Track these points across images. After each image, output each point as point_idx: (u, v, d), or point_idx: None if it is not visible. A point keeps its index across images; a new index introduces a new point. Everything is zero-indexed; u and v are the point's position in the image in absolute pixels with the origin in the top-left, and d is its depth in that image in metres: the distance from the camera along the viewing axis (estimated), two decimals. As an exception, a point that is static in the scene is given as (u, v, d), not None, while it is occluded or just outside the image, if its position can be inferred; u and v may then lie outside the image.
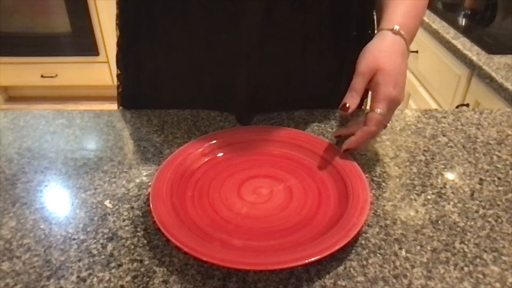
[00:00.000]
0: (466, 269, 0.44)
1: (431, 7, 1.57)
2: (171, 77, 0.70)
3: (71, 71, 2.48)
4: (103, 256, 0.45)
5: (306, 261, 0.41)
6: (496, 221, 0.50)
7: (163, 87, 0.72)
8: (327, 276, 0.43)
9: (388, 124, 0.68)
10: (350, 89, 0.54)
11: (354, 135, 0.55)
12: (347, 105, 0.53)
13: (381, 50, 0.55)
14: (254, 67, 0.64)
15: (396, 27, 0.56)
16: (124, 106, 0.76)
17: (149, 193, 0.50)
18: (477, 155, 0.61)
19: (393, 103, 0.54)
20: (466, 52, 1.22)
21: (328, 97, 0.73)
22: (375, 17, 0.73)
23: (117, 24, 0.70)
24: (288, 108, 0.71)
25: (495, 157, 0.61)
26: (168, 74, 0.70)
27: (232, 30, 0.61)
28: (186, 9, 0.62)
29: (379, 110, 0.53)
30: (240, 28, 0.61)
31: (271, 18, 0.61)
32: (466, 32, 1.35)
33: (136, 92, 0.74)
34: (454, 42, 1.28)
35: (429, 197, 0.53)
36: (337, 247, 0.42)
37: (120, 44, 0.71)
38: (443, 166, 0.59)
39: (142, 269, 0.44)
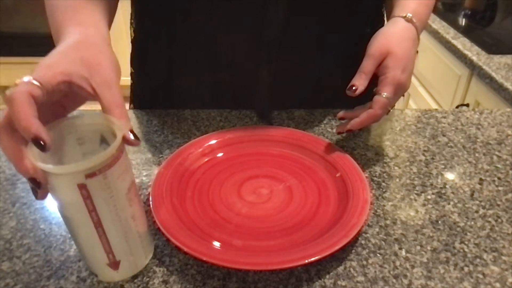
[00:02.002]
0: (466, 269, 0.44)
1: (431, 7, 1.57)
2: (187, 74, 0.70)
3: (71, 71, 2.48)
4: (103, 256, 0.45)
5: (306, 261, 0.41)
6: (496, 221, 0.50)
7: (177, 84, 0.72)
8: (327, 276, 0.43)
9: (388, 123, 0.68)
10: (359, 70, 0.55)
11: (358, 117, 0.55)
12: (354, 87, 0.54)
13: (393, 35, 0.56)
14: (274, 62, 0.65)
15: (409, 15, 0.57)
16: (135, 104, 0.77)
17: (149, 193, 0.50)
18: (477, 155, 0.61)
19: (400, 88, 0.54)
20: (466, 52, 1.22)
21: (343, 92, 0.74)
22: (384, 15, 0.73)
23: (131, 23, 0.70)
24: (306, 104, 0.71)
25: (495, 157, 0.61)
26: (184, 70, 0.70)
27: (255, 25, 0.62)
28: (208, 4, 0.62)
29: (385, 93, 0.53)
30: (263, 23, 0.61)
31: (292, 14, 0.61)
32: (466, 32, 1.35)
33: (149, 90, 0.74)
34: (454, 42, 1.28)
35: (429, 197, 0.53)
36: (337, 247, 0.42)
37: (135, 41, 0.71)
38: (443, 166, 0.59)
39: (142, 269, 0.44)
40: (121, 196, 0.37)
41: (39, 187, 0.34)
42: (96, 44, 0.41)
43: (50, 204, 0.52)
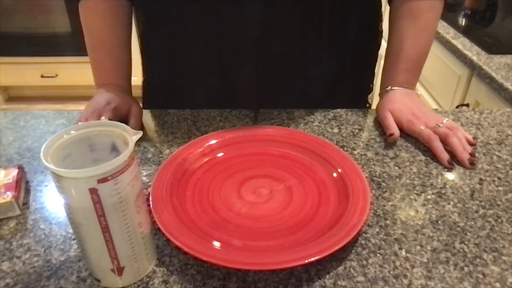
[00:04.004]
0: (466, 269, 0.44)
1: (431, 7, 1.57)
2: (179, 76, 0.73)
3: (71, 71, 2.48)
4: (103, 256, 0.45)
5: (306, 261, 0.41)
6: (496, 221, 0.50)
7: (170, 85, 0.75)
8: (327, 276, 0.43)
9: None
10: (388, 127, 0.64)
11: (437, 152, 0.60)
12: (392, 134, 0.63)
13: (392, 103, 0.67)
14: (259, 61, 0.67)
15: (397, 88, 0.68)
16: (148, 103, 0.81)
17: (149, 193, 0.50)
18: (477, 155, 0.61)
19: (420, 116, 0.64)
20: (466, 52, 1.22)
21: (330, 94, 0.74)
22: (379, 22, 0.75)
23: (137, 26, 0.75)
24: (291, 104, 0.72)
25: (495, 157, 0.61)
26: (175, 72, 0.73)
27: (236, 24, 0.64)
28: (185, 10, 0.64)
29: (422, 127, 0.62)
30: (243, 22, 0.63)
31: (272, 12, 0.63)
32: (466, 32, 1.35)
33: (155, 88, 0.79)
34: (454, 42, 1.28)
35: (429, 197, 0.53)
36: (337, 247, 0.42)
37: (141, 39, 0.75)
38: (443, 166, 0.59)
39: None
40: (130, 202, 0.38)
41: None
42: (117, 95, 0.66)
43: (50, 204, 0.52)
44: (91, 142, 0.40)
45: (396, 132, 0.63)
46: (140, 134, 0.39)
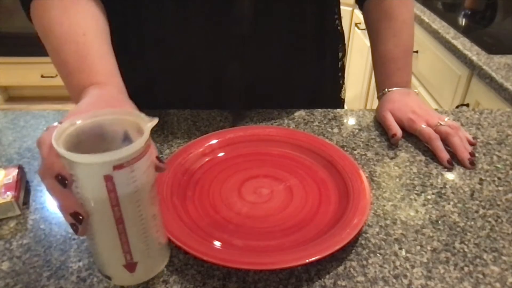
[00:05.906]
0: (466, 269, 0.44)
1: (431, 7, 1.57)
2: (163, 75, 0.70)
3: (71, 71, 2.48)
4: (103, 256, 0.45)
5: (306, 261, 0.41)
6: (496, 221, 0.50)
7: (155, 85, 0.71)
8: (327, 276, 0.43)
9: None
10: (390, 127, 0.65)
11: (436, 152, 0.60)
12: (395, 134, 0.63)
13: (392, 102, 0.68)
14: (246, 57, 0.66)
15: (394, 88, 0.70)
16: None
17: (149, 193, 0.50)
18: (477, 155, 0.61)
19: (420, 114, 0.64)
20: (466, 52, 1.22)
21: (321, 95, 0.76)
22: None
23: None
24: (280, 105, 0.72)
25: (495, 157, 0.61)
26: (160, 71, 0.70)
27: (224, 20, 0.63)
28: (177, 2, 0.62)
29: (422, 125, 0.62)
30: (231, 19, 0.62)
31: (260, 10, 0.63)
32: (466, 32, 1.35)
33: (132, 93, 0.75)
34: (454, 42, 1.28)
35: (429, 197, 0.53)
36: (337, 247, 0.42)
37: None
38: (443, 166, 0.59)
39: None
40: (145, 192, 0.36)
41: (80, 222, 0.35)
42: (113, 96, 0.49)
43: (50, 204, 0.52)
44: (103, 131, 0.38)
45: (399, 132, 0.63)
46: (156, 121, 0.36)
